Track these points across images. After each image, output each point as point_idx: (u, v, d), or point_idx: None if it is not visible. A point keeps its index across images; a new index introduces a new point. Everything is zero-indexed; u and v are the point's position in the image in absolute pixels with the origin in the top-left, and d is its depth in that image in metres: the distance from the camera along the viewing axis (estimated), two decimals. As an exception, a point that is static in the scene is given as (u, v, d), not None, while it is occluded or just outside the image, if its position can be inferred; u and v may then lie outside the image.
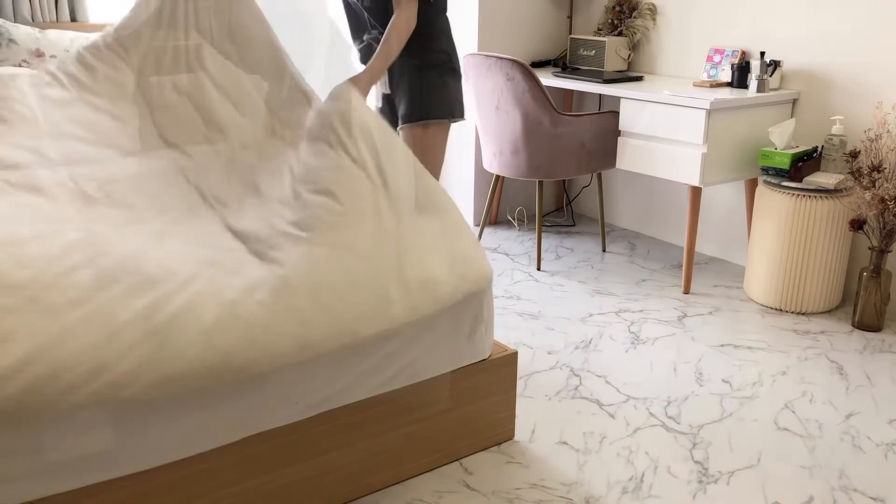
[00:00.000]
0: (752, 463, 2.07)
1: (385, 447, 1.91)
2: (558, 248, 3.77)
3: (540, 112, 3.23)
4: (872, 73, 2.96)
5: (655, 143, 3.17)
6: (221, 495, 1.67)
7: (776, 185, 2.95)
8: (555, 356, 2.66)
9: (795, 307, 3.01)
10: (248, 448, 1.68)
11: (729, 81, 3.30)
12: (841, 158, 2.97)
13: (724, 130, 3.04)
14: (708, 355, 2.68)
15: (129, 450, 1.53)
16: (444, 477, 2.00)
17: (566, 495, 1.93)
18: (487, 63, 3.27)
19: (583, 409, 2.33)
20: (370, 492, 1.92)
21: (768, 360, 2.65)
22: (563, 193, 4.35)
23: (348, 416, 1.81)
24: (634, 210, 4.03)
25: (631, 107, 3.22)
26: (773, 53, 3.27)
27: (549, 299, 3.14)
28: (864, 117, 3.01)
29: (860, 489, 1.97)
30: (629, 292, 3.22)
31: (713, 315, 3.01)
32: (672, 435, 2.20)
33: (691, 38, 3.57)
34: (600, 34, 3.87)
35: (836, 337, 2.83)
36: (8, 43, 2.84)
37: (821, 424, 2.26)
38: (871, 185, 2.81)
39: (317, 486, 1.82)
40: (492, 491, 1.95)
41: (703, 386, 2.47)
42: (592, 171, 3.43)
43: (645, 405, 2.35)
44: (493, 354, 2.07)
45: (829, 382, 2.50)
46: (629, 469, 2.04)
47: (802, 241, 2.92)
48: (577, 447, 2.13)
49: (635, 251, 3.74)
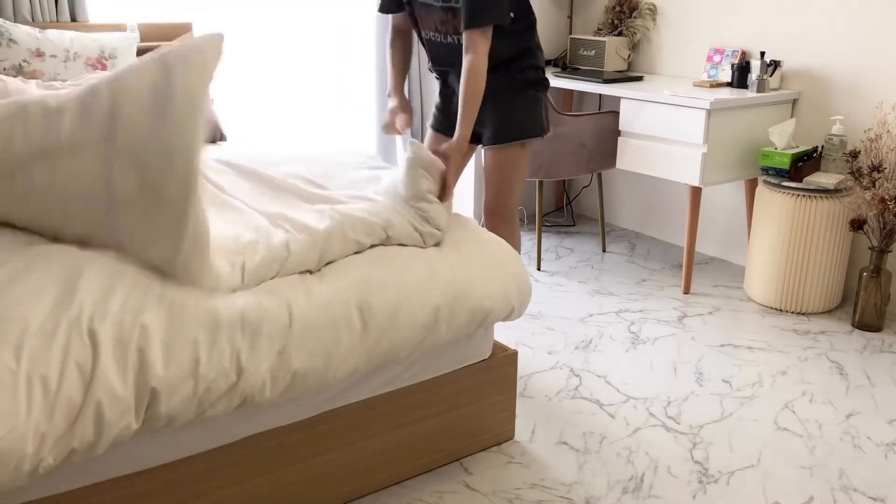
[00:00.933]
0: (752, 463, 2.07)
1: (385, 447, 1.91)
2: (558, 248, 3.77)
3: (540, 112, 3.23)
4: (872, 73, 2.96)
5: (655, 143, 3.16)
6: (221, 495, 1.67)
7: (776, 185, 2.95)
8: (555, 356, 2.66)
9: (795, 307, 3.01)
10: (248, 448, 1.68)
11: (729, 81, 3.30)
12: (841, 158, 2.97)
13: (725, 130, 3.04)
14: (708, 355, 2.68)
15: (129, 449, 1.53)
16: (444, 477, 2.00)
17: (566, 495, 1.93)
18: (487, 63, 3.26)
19: (583, 409, 2.33)
20: (370, 492, 1.92)
21: (768, 360, 2.65)
22: (563, 193, 4.35)
23: (348, 416, 1.81)
24: (634, 210, 4.03)
25: (631, 107, 3.22)
26: (773, 53, 3.26)
27: (549, 299, 3.14)
28: (864, 117, 3.01)
29: (860, 489, 1.97)
30: (629, 292, 3.22)
31: (713, 315, 3.01)
32: (672, 435, 2.20)
33: (691, 38, 3.57)
34: (600, 34, 3.87)
35: (837, 337, 2.83)
36: (8, 43, 2.84)
37: (821, 424, 2.26)
38: (871, 185, 2.81)
39: (317, 486, 1.82)
40: (492, 491, 1.95)
41: (703, 386, 2.47)
42: (592, 171, 3.43)
43: (645, 405, 2.35)
44: (493, 354, 2.07)
45: (829, 382, 2.50)
46: (629, 469, 2.04)
47: (802, 241, 2.92)
48: (577, 447, 2.13)
49: (635, 251, 3.74)
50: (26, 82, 2.75)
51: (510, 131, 2.32)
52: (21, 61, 2.86)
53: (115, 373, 1.36)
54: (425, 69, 4.20)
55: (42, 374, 1.31)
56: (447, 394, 1.97)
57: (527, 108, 2.33)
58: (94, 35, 3.06)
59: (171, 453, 1.58)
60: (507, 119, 2.32)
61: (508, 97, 2.32)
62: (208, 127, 3.33)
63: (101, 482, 1.52)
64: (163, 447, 1.56)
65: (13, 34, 2.86)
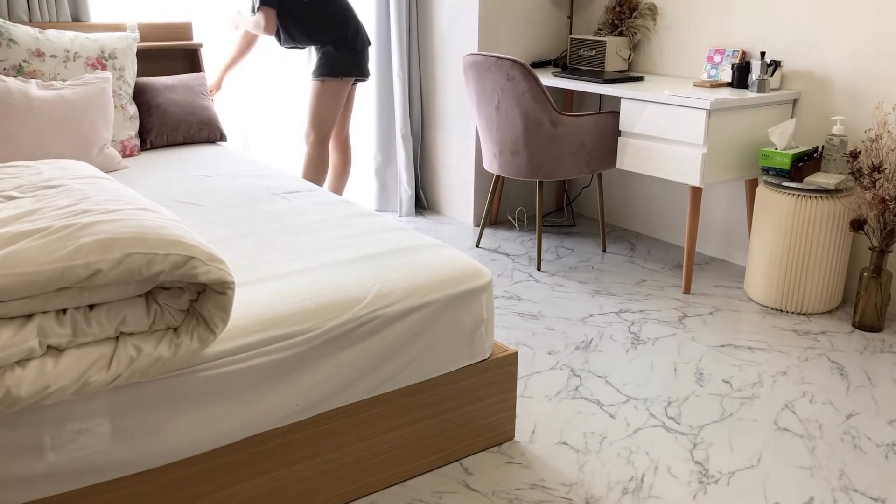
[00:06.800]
0: (753, 463, 2.07)
1: (385, 447, 1.91)
2: (558, 248, 3.76)
3: (540, 112, 3.23)
4: (872, 73, 2.96)
5: (656, 144, 3.16)
6: (221, 495, 1.67)
7: (776, 186, 2.95)
8: (555, 356, 2.66)
9: (796, 307, 3.01)
10: (247, 448, 1.68)
11: (729, 82, 3.30)
12: (841, 159, 2.96)
13: (725, 131, 3.04)
14: (708, 355, 2.68)
15: (129, 450, 1.53)
16: (444, 477, 2.00)
17: (566, 496, 1.93)
18: (487, 63, 3.26)
19: (583, 409, 2.33)
20: (370, 492, 1.92)
21: (768, 360, 2.65)
22: (563, 193, 4.35)
23: (348, 416, 1.81)
24: (634, 210, 4.03)
25: (631, 107, 3.22)
26: (774, 53, 3.26)
27: (549, 299, 3.14)
28: (865, 117, 3.01)
29: (860, 489, 1.97)
30: (629, 292, 3.22)
31: (713, 315, 3.01)
32: (672, 435, 2.20)
33: (691, 38, 3.56)
34: (600, 34, 3.86)
35: (837, 337, 2.83)
36: (8, 43, 2.84)
37: (821, 425, 2.26)
38: (871, 186, 2.80)
39: (317, 486, 1.82)
40: (492, 491, 1.94)
41: (703, 386, 2.47)
42: (593, 172, 3.43)
43: (645, 405, 2.35)
44: (493, 354, 2.07)
45: (830, 383, 2.50)
46: (629, 469, 2.04)
47: (803, 242, 2.91)
48: (577, 447, 2.13)
49: (635, 251, 3.73)
50: (26, 82, 2.75)
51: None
52: (21, 61, 2.86)
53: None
54: (425, 69, 4.20)
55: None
56: (447, 394, 1.97)
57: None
58: (94, 35, 3.06)
59: (171, 453, 1.58)
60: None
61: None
62: (208, 127, 3.33)
63: (102, 482, 1.52)
64: (163, 447, 1.56)
65: (13, 34, 2.86)
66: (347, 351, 1.76)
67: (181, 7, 3.67)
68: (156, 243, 1.44)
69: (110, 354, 1.44)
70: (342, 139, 3.87)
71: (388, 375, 1.85)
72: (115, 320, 1.44)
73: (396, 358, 1.84)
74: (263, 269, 1.91)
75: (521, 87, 3.20)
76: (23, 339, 1.35)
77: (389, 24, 4.05)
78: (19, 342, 1.34)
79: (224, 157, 3.09)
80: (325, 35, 3.53)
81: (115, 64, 3.07)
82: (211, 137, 3.35)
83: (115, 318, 1.44)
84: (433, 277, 1.91)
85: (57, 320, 1.39)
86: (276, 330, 1.66)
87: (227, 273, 1.49)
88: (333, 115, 3.63)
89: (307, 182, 2.76)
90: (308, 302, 1.74)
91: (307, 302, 1.74)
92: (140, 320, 1.47)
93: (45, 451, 1.44)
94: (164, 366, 1.48)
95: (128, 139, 3.08)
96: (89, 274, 1.37)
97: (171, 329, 1.50)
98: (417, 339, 1.87)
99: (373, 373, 1.81)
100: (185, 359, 1.50)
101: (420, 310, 1.86)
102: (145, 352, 1.45)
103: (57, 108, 2.73)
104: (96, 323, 1.42)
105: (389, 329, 1.82)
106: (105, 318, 1.43)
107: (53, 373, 1.38)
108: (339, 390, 1.77)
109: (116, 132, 3.04)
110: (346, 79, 3.61)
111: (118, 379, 1.44)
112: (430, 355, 1.91)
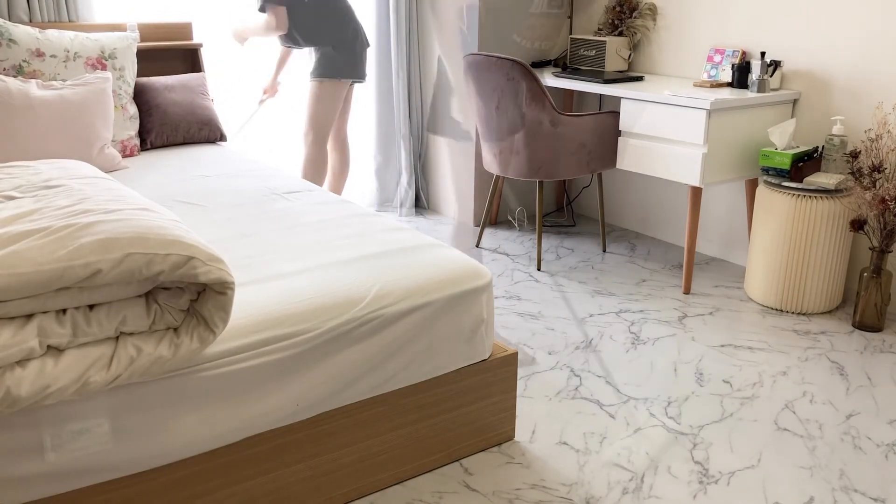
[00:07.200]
0: (753, 463, 2.07)
1: (385, 447, 1.91)
2: (558, 248, 3.76)
3: (540, 112, 3.23)
4: (873, 73, 2.95)
5: (656, 143, 3.16)
6: (221, 495, 1.67)
7: (776, 186, 2.95)
8: (555, 356, 2.66)
9: (796, 307, 3.01)
10: (248, 448, 1.68)
11: (729, 82, 3.30)
12: (841, 159, 2.96)
13: (725, 130, 3.04)
14: (708, 355, 2.68)
15: (129, 450, 1.53)
16: (444, 477, 2.00)
17: (566, 496, 1.93)
18: (488, 63, 3.26)
19: (583, 409, 2.33)
20: (370, 492, 1.92)
21: (768, 360, 2.65)
22: (563, 193, 4.35)
23: (348, 416, 1.81)
24: (634, 210, 4.03)
25: (631, 107, 3.22)
26: (774, 53, 3.26)
27: (549, 299, 3.14)
28: (865, 117, 3.01)
29: (860, 490, 1.97)
30: (629, 293, 3.22)
31: (713, 315, 3.01)
32: (672, 435, 2.20)
33: (691, 38, 3.56)
34: (600, 34, 3.86)
35: (837, 337, 2.82)
36: (8, 43, 2.84)
37: (821, 425, 2.26)
38: (871, 186, 2.80)
39: (317, 486, 1.82)
40: (492, 491, 1.94)
41: (703, 386, 2.47)
42: (592, 172, 3.43)
43: (645, 405, 2.35)
44: (493, 354, 2.07)
45: (830, 383, 2.50)
46: (629, 469, 2.04)
47: (803, 242, 2.91)
48: (577, 447, 2.13)
49: (635, 251, 3.73)
50: (26, 82, 2.75)
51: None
52: (21, 61, 2.86)
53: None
54: (425, 69, 4.20)
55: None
56: (447, 394, 1.97)
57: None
58: (94, 35, 3.06)
59: (170, 453, 1.58)
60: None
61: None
62: (208, 127, 3.33)
63: (101, 482, 1.52)
64: (163, 447, 1.56)
65: (13, 34, 2.86)
66: (347, 351, 1.76)
67: (181, 7, 3.67)
68: (156, 243, 1.44)
69: (110, 354, 1.44)
70: (341, 139, 3.87)
71: (388, 375, 1.85)
72: (115, 320, 1.44)
73: (396, 358, 1.85)
74: (263, 269, 1.91)
75: (521, 87, 3.20)
76: (23, 339, 1.35)
77: (389, 24, 4.05)
78: (19, 342, 1.34)
79: (224, 157, 3.10)
80: (324, 36, 3.53)
81: (115, 64, 3.07)
82: (211, 137, 3.35)
83: (115, 318, 1.44)
84: (433, 277, 1.91)
85: (57, 320, 1.39)
86: (275, 330, 1.66)
87: (227, 273, 1.49)
88: (331, 116, 3.63)
89: (307, 182, 2.76)
90: (308, 302, 1.74)
91: (307, 302, 1.74)
92: (140, 320, 1.47)
93: (45, 451, 1.44)
94: (164, 366, 1.48)
95: (128, 139, 3.08)
96: (89, 274, 1.37)
97: (171, 329, 1.50)
98: (417, 339, 1.87)
99: (373, 373, 1.82)
100: (185, 359, 1.50)
101: (420, 310, 1.86)
102: (145, 352, 1.45)
103: (57, 108, 2.73)
104: (96, 323, 1.42)
105: (389, 329, 1.82)
106: (105, 318, 1.43)
107: (53, 373, 1.38)
108: (339, 390, 1.77)
109: (116, 132, 3.04)
110: (344, 80, 3.61)
111: (118, 379, 1.44)
112: (430, 355, 1.91)
